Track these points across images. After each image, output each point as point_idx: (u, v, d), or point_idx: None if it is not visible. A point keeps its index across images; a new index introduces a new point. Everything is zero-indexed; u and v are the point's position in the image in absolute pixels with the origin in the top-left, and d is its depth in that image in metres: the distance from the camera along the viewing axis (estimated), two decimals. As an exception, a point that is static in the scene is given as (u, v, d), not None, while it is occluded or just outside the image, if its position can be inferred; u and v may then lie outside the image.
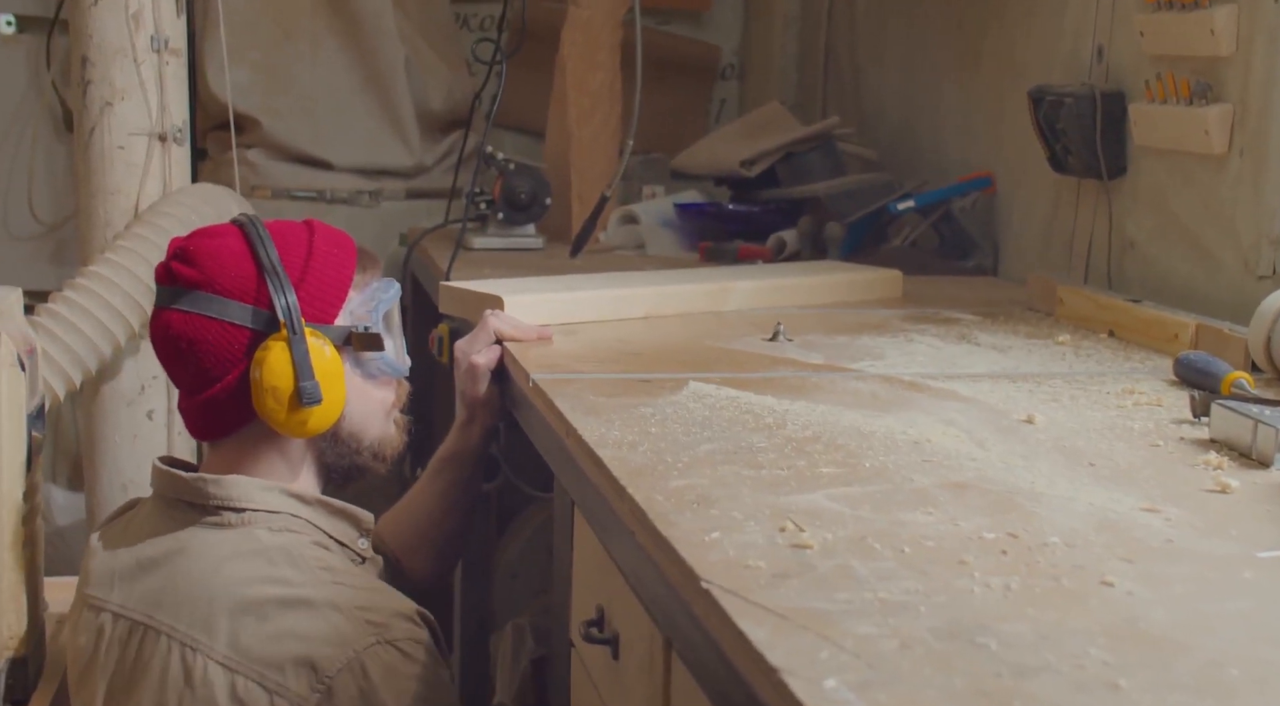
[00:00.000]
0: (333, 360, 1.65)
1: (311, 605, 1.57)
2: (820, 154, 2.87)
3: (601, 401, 1.52)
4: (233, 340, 1.64)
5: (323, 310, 1.68)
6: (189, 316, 1.64)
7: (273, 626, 1.55)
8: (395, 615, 1.60)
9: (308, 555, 1.62)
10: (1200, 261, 2.01)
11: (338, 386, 1.66)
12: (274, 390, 1.62)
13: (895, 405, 1.54)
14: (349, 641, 1.56)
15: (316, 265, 1.69)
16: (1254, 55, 1.89)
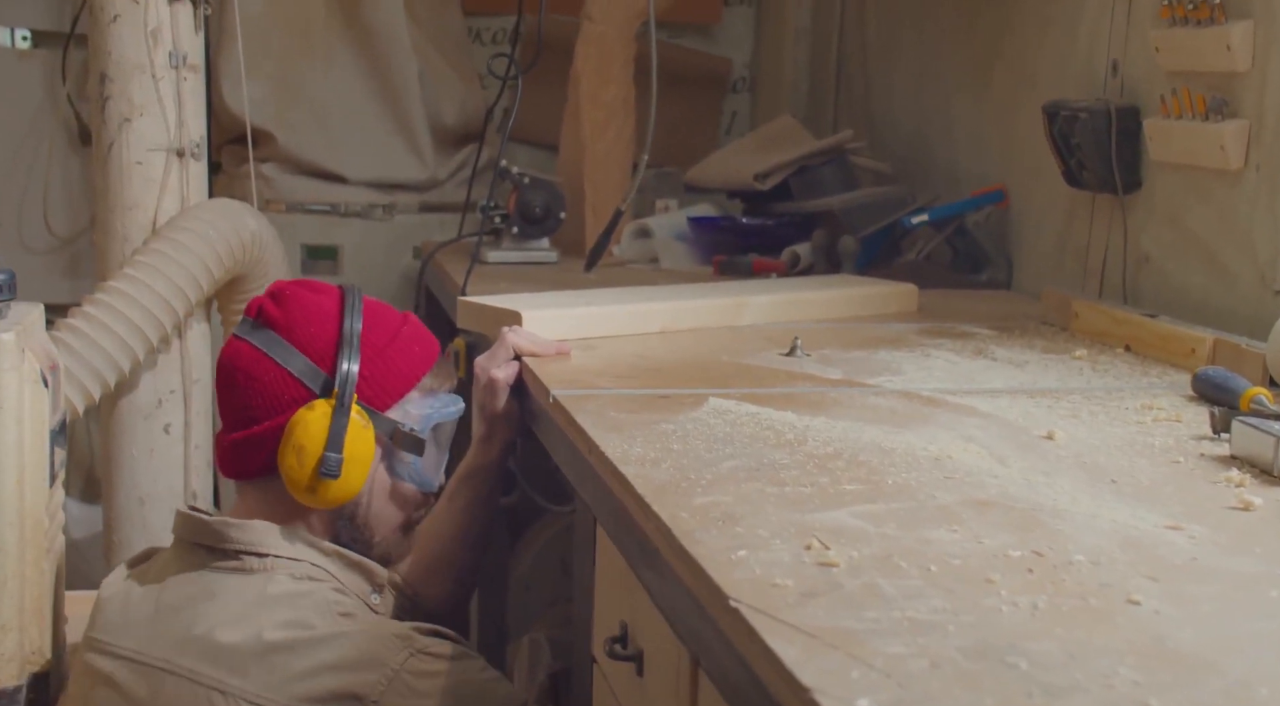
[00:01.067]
0: (366, 444, 1.65)
1: (339, 637, 1.58)
2: (833, 167, 2.87)
3: (623, 417, 1.53)
4: (286, 390, 1.65)
5: (380, 395, 1.68)
6: (257, 353, 1.66)
7: (306, 662, 1.56)
8: (413, 629, 1.62)
9: (330, 600, 1.63)
10: (1216, 276, 2.02)
11: (360, 470, 1.65)
12: (300, 450, 1.62)
13: (915, 421, 1.55)
14: (384, 661, 1.57)
15: (393, 352, 1.70)
16: (1270, 70, 1.89)
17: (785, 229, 2.81)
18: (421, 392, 1.72)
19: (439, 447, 1.76)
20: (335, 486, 1.64)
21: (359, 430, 1.64)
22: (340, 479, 1.63)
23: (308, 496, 1.64)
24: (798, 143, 2.99)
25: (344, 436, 1.62)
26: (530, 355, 1.85)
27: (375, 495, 1.71)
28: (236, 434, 1.67)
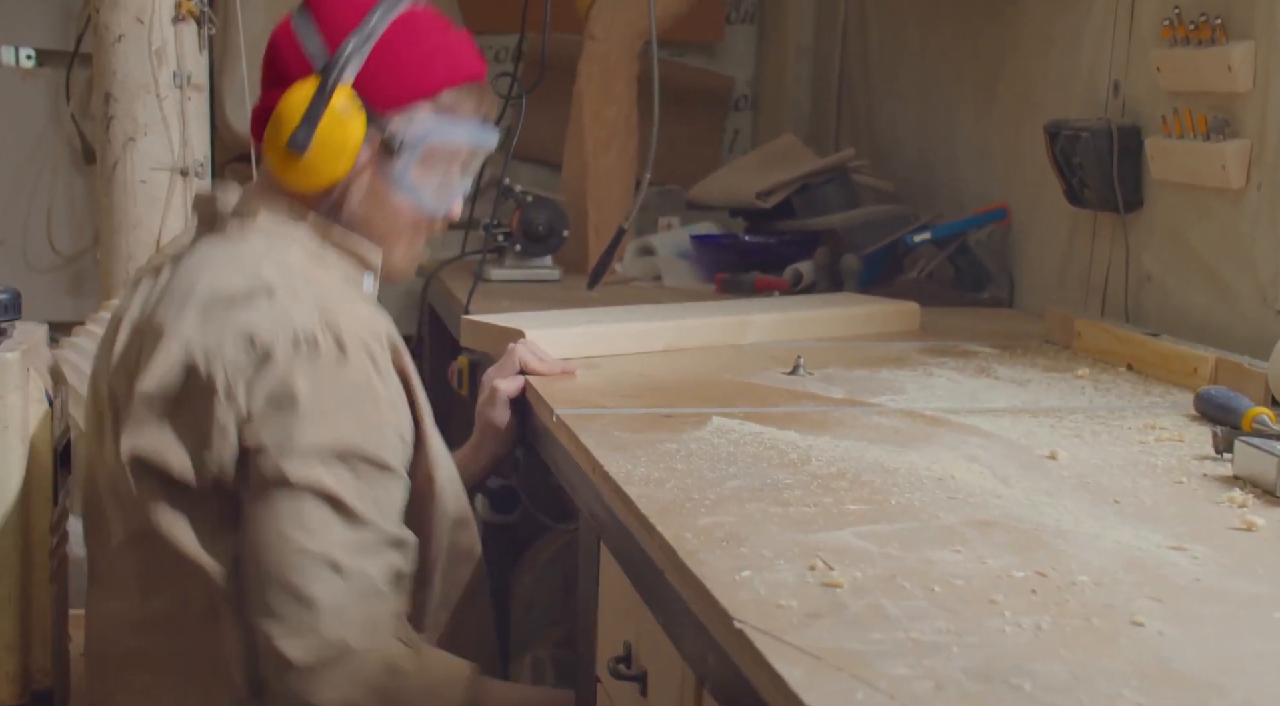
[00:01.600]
0: (345, 131, 1.61)
1: (272, 294, 1.54)
2: (835, 186, 2.88)
3: (626, 437, 1.53)
4: (294, 64, 1.63)
5: (380, 94, 1.63)
6: (288, 28, 1.66)
7: (234, 313, 1.53)
8: (353, 321, 1.55)
9: (294, 263, 1.60)
10: (1218, 295, 2.02)
11: (334, 156, 1.61)
12: (278, 119, 1.61)
13: (918, 440, 1.55)
14: (295, 324, 1.53)
15: (410, 56, 1.64)
16: (1271, 91, 1.90)
17: (788, 247, 2.82)
18: (438, 110, 1.66)
19: (457, 173, 1.70)
20: (304, 165, 1.61)
21: (339, 116, 1.60)
22: (308, 157, 1.60)
23: (280, 170, 1.62)
24: (800, 161, 3.00)
25: (319, 114, 1.59)
26: (535, 373, 1.85)
27: (365, 198, 1.66)
28: (261, 100, 1.67)
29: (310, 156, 1.61)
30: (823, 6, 3.51)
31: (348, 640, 1.50)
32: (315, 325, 1.53)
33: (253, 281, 1.55)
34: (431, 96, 1.65)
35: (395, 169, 1.65)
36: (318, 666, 1.49)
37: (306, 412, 1.50)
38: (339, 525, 1.51)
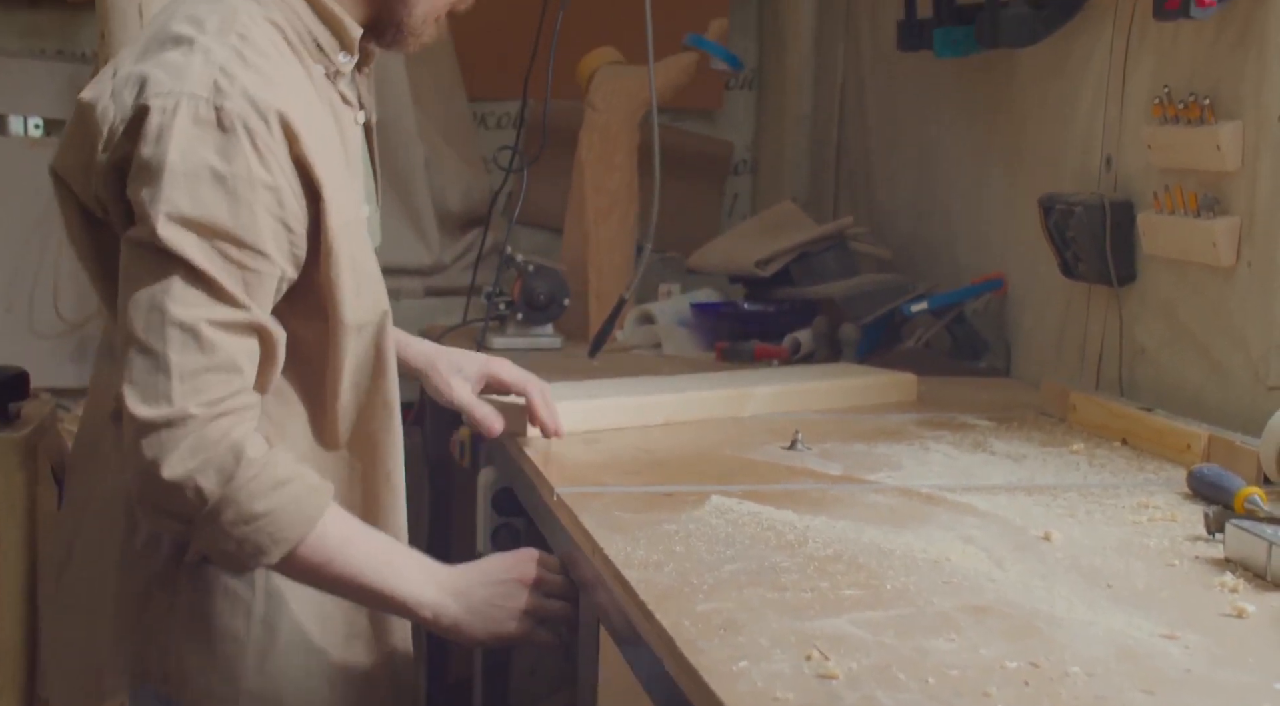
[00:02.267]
0: None
1: (190, 45, 1.50)
2: (834, 254, 2.91)
3: (626, 517, 1.55)
4: None
5: None
6: None
7: (152, 52, 1.51)
8: (245, 95, 1.47)
9: (243, 20, 1.53)
10: (1210, 370, 2.05)
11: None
12: None
13: (914, 520, 1.57)
14: (185, 82, 1.47)
15: None
16: (1260, 171, 1.93)
17: (787, 315, 2.85)
18: None
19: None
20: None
21: None
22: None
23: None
24: (799, 228, 3.03)
25: None
26: (530, 419, 1.91)
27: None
28: None
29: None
30: (821, 74, 3.56)
31: (194, 411, 1.43)
32: (207, 91, 1.47)
33: (183, 28, 1.52)
34: None
35: None
36: (165, 430, 1.42)
37: (176, 180, 1.44)
38: (204, 298, 1.45)
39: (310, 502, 1.49)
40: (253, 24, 1.54)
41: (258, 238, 1.47)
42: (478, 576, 1.62)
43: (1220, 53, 2.02)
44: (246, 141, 1.46)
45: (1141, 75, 2.21)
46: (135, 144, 1.46)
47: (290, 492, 1.47)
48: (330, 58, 1.60)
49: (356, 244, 1.58)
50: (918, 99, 3.04)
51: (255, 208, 1.46)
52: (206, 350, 1.44)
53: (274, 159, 1.48)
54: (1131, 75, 2.23)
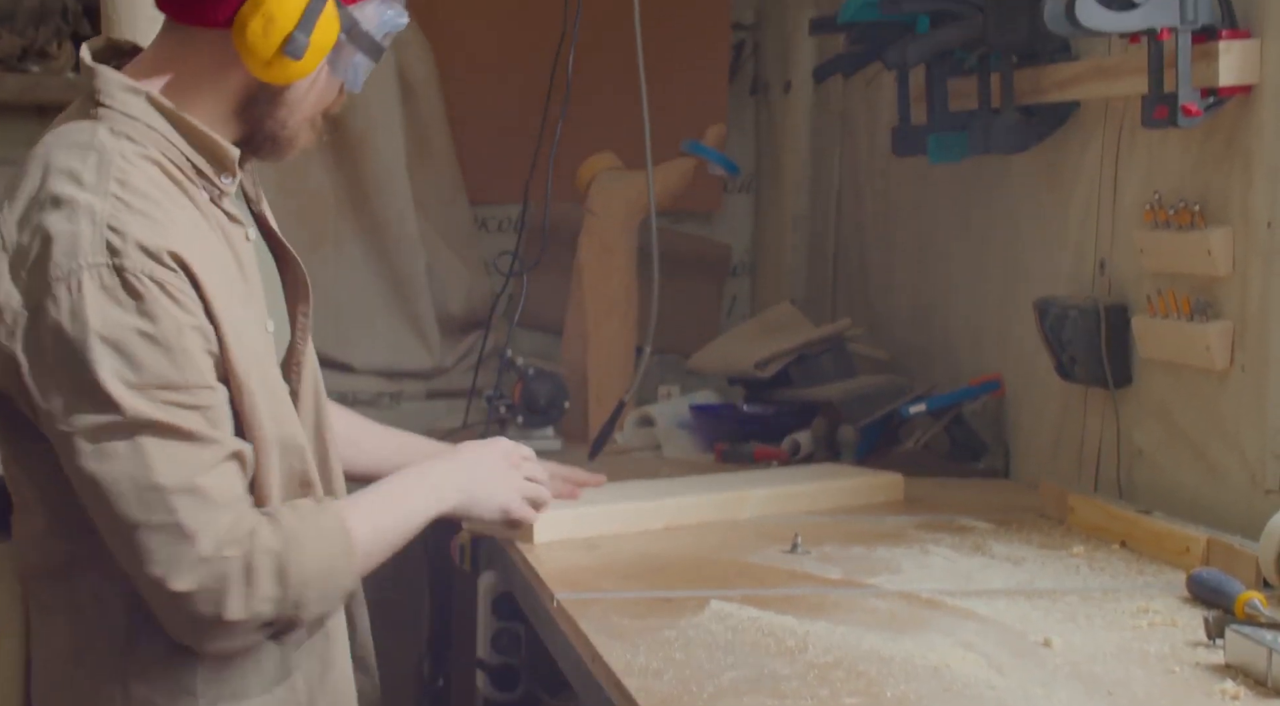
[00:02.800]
0: (329, 33, 1.59)
1: (72, 208, 1.49)
2: (832, 356, 2.93)
3: (626, 623, 1.55)
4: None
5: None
6: None
7: (35, 218, 1.50)
8: (140, 249, 1.48)
9: (119, 165, 1.52)
10: (1207, 473, 2.06)
11: (316, 58, 1.60)
12: (269, 20, 1.55)
13: (914, 625, 1.57)
14: (80, 254, 1.47)
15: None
16: (1251, 276, 1.95)
17: (786, 416, 2.86)
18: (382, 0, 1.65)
19: (375, 60, 1.68)
20: (291, 66, 1.58)
21: (329, 18, 1.58)
22: (301, 62, 1.57)
23: (259, 68, 1.58)
24: (797, 330, 3.06)
25: (316, 20, 1.57)
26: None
27: (307, 80, 1.63)
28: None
29: (302, 60, 1.58)
30: (818, 176, 3.60)
31: (229, 554, 1.47)
32: (103, 257, 1.47)
33: (62, 187, 1.51)
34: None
35: (343, 58, 1.64)
36: (214, 586, 1.47)
37: (108, 353, 1.46)
38: (182, 452, 1.47)
39: (337, 528, 1.58)
40: (129, 166, 1.54)
41: (202, 376, 1.50)
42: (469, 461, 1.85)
43: (1208, 160, 2.05)
44: (159, 294, 1.48)
45: (1132, 181, 2.24)
46: (43, 329, 1.46)
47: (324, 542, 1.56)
48: (213, 181, 1.61)
49: (266, 365, 1.60)
50: (913, 202, 3.07)
51: (189, 349, 1.49)
52: (212, 500, 1.48)
53: (186, 298, 1.50)
54: (1123, 181, 2.27)
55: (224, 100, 1.61)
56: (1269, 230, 1.92)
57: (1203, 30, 1.96)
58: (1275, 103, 1.92)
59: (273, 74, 1.59)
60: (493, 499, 1.83)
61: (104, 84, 1.58)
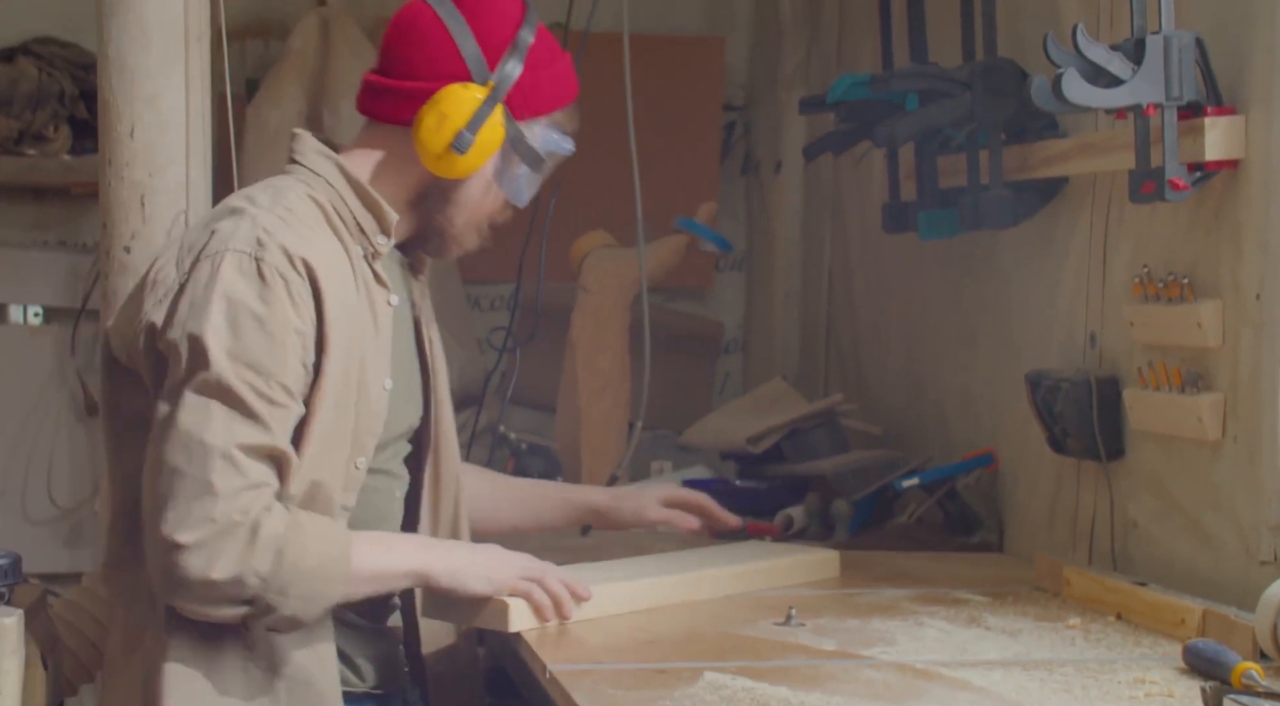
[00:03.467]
0: (495, 138, 1.84)
1: (241, 215, 1.75)
2: (824, 431, 2.93)
3: (620, 695, 1.55)
4: (449, 63, 1.84)
5: (522, 105, 1.87)
6: (437, 20, 1.86)
7: (211, 223, 1.77)
8: (281, 249, 1.71)
9: (291, 198, 1.79)
10: (1202, 545, 2.05)
11: (480, 157, 1.84)
12: (443, 118, 1.81)
13: (909, 697, 1.56)
14: (232, 241, 1.71)
15: (548, 75, 1.90)
16: (1241, 348, 1.96)
17: (779, 491, 2.85)
18: (549, 121, 1.91)
19: (538, 174, 1.94)
20: (458, 161, 1.83)
21: (495, 124, 1.84)
22: (464, 157, 1.82)
23: (430, 160, 1.84)
24: (790, 406, 3.06)
25: (483, 122, 1.82)
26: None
27: (475, 184, 1.89)
28: (390, 80, 1.87)
29: (466, 155, 1.83)
30: (809, 254, 3.63)
31: (237, 519, 1.62)
32: (249, 247, 1.70)
33: (238, 202, 1.79)
34: (551, 112, 1.92)
35: (509, 169, 1.90)
36: (213, 542, 1.61)
37: (222, 320, 1.66)
38: (240, 424, 1.64)
39: (342, 538, 1.71)
40: (299, 201, 1.80)
41: (286, 376, 1.68)
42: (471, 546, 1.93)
43: (1197, 233, 2.07)
44: (282, 290, 1.69)
45: (1122, 255, 2.26)
46: (184, 296, 1.69)
47: (327, 544, 1.68)
48: (370, 239, 1.84)
49: (353, 406, 1.77)
50: (904, 278, 3.09)
51: (287, 350, 1.69)
52: (242, 471, 1.63)
53: (303, 304, 1.71)
54: (1112, 255, 2.29)
55: (402, 191, 1.88)
56: (1258, 301, 1.94)
57: (1188, 106, 1.98)
58: (1261, 176, 1.94)
59: (442, 167, 1.84)
60: (482, 569, 1.84)
61: (299, 146, 1.87)
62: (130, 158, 2.35)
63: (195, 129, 2.39)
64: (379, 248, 1.84)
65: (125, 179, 2.35)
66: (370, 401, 1.80)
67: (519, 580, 1.86)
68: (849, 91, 2.57)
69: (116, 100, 2.33)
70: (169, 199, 2.36)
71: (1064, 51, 1.98)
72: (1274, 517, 1.91)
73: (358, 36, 3.41)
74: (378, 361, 1.82)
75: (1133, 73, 1.96)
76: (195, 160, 2.39)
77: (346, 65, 3.34)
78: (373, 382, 1.81)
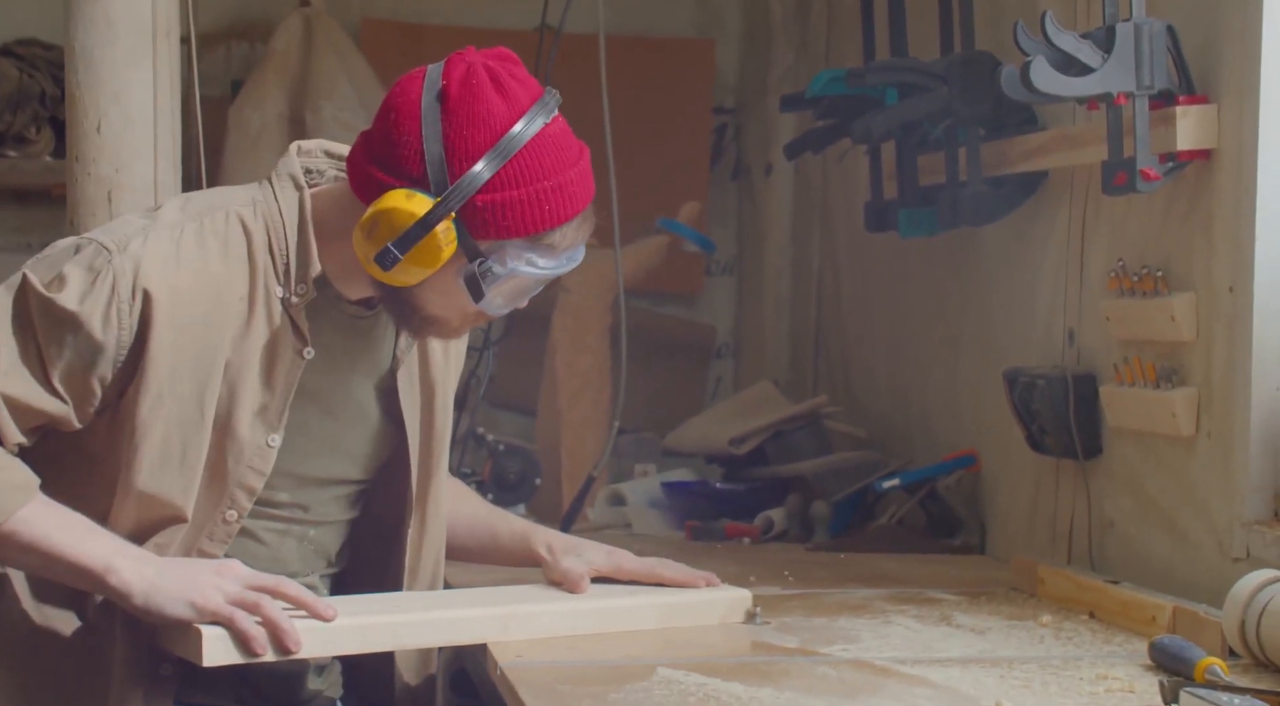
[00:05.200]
0: (433, 258, 1.63)
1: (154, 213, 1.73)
2: (807, 432, 2.90)
3: (567, 690, 1.51)
4: (409, 165, 1.64)
5: (483, 227, 1.64)
6: (416, 103, 1.65)
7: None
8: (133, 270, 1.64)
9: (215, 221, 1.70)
10: (1177, 542, 2.02)
11: (413, 274, 1.64)
12: (373, 225, 1.63)
13: (863, 692, 1.53)
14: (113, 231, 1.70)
15: (527, 196, 1.64)
16: (1214, 341, 1.93)
17: (759, 494, 2.82)
18: (533, 245, 1.66)
19: (529, 289, 1.72)
20: (383, 275, 1.65)
21: (434, 246, 1.62)
22: (389, 273, 1.64)
23: (360, 257, 1.65)
24: (773, 408, 3.03)
25: (414, 243, 1.61)
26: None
27: (433, 288, 1.68)
28: (362, 155, 1.69)
29: (391, 271, 1.65)
30: (799, 257, 3.60)
31: None
32: (117, 244, 1.66)
33: (173, 202, 1.76)
34: (531, 235, 1.66)
35: (472, 283, 1.66)
36: None
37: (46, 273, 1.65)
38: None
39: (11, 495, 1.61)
40: (219, 224, 1.70)
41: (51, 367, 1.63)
42: (177, 560, 1.68)
43: (1171, 226, 2.04)
44: (104, 301, 1.63)
45: (1098, 250, 2.22)
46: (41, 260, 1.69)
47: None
48: (292, 285, 1.70)
49: (189, 430, 1.67)
50: (889, 278, 3.06)
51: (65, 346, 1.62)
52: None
53: (116, 330, 1.64)
54: (1089, 250, 2.25)
55: (356, 260, 1.68)
56: (1231, 294, 1.90)
57: (1160, 95, 1.95)
58: (1234, 167, 1.91)
59: (373, 271, 1.66)
60: (182, 593, 1.60)
61: (281, 165, 1.76)
62: (97, 153, 2.33)
63: (164, 126, 2.37)
64: (295, 294, 1.69)
65: (92, 175, 2.33)
66: (242, 452, 1.69)
67: (225, 605, 1.60)
68: (826, 87, 2.54)
69: (83, 95, 2.32)
70: (136, 195, 2.34)
71: (1034, 40, 1.95)
72: (1247, 514, 1.87)
73: (340, 37, 3.40)
74: (262, 415, 1.69)
75: (1103, 61, 1.93)
76: (164, 157, 2.37)
77: (329, 66, 3.32)
78: (249, 433, 1.69)
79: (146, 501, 1.67)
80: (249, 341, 1.68)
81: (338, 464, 1.82)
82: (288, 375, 1.70)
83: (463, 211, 1.63)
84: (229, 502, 1.70)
